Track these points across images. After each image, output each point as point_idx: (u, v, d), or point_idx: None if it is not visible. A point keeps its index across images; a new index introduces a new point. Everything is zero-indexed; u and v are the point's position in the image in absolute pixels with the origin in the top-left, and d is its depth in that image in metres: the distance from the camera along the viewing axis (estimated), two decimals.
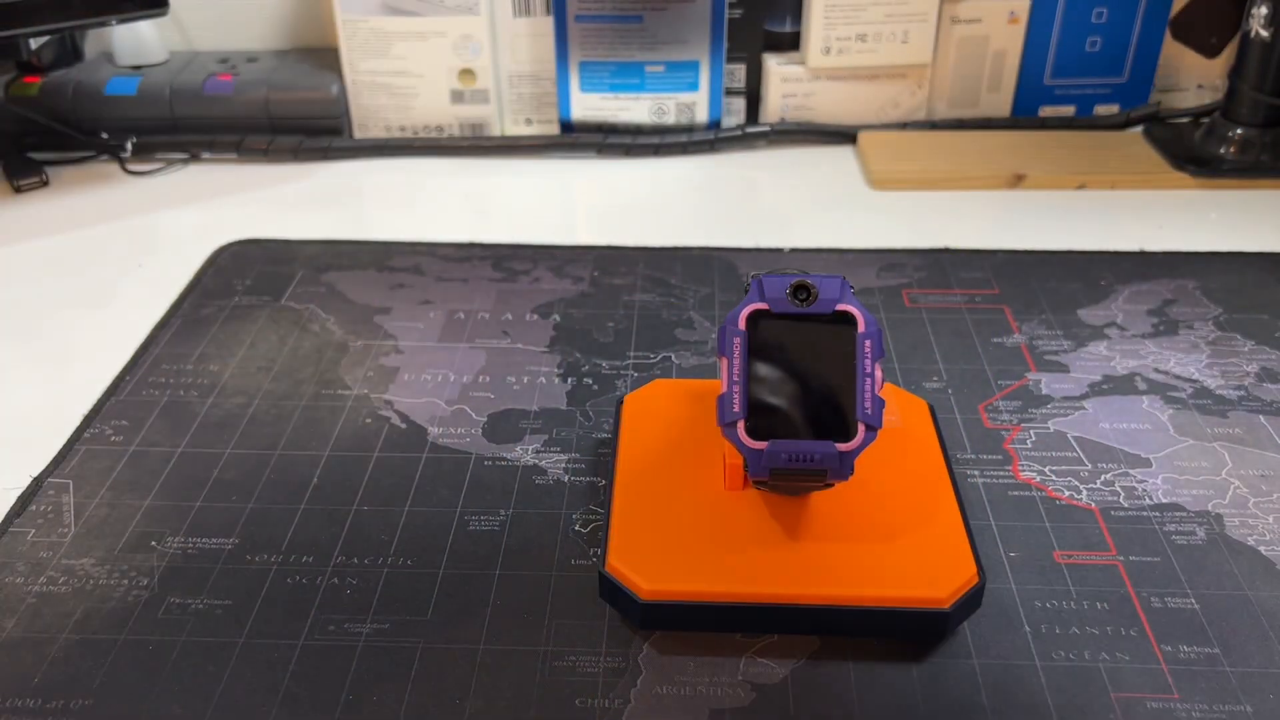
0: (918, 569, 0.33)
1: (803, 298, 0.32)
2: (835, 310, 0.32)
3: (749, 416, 0.32)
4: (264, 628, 0.35)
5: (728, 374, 0.32)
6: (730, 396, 0.32)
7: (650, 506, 0.36)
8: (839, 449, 0.32)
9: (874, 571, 0.33)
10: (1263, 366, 0.47)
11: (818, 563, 0.34)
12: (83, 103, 0.69)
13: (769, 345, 0.32)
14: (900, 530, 0.35)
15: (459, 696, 0.33)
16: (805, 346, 0.32)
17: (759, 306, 0.32)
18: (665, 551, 0.34)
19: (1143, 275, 0.54)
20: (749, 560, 0.34)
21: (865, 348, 0.32)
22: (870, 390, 0.32)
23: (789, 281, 0.32)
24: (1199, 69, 0.71)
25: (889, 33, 0.68)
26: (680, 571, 0.34)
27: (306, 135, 0.70)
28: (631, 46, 0.68)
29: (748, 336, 0.32)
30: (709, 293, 0.53)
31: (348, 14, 0.68)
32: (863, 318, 0.32)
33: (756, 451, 0.32)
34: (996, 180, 0.64)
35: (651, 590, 0.33)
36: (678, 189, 0.65)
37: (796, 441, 0.32)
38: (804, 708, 0.32)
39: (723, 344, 0.32)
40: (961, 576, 0.33)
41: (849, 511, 0.36)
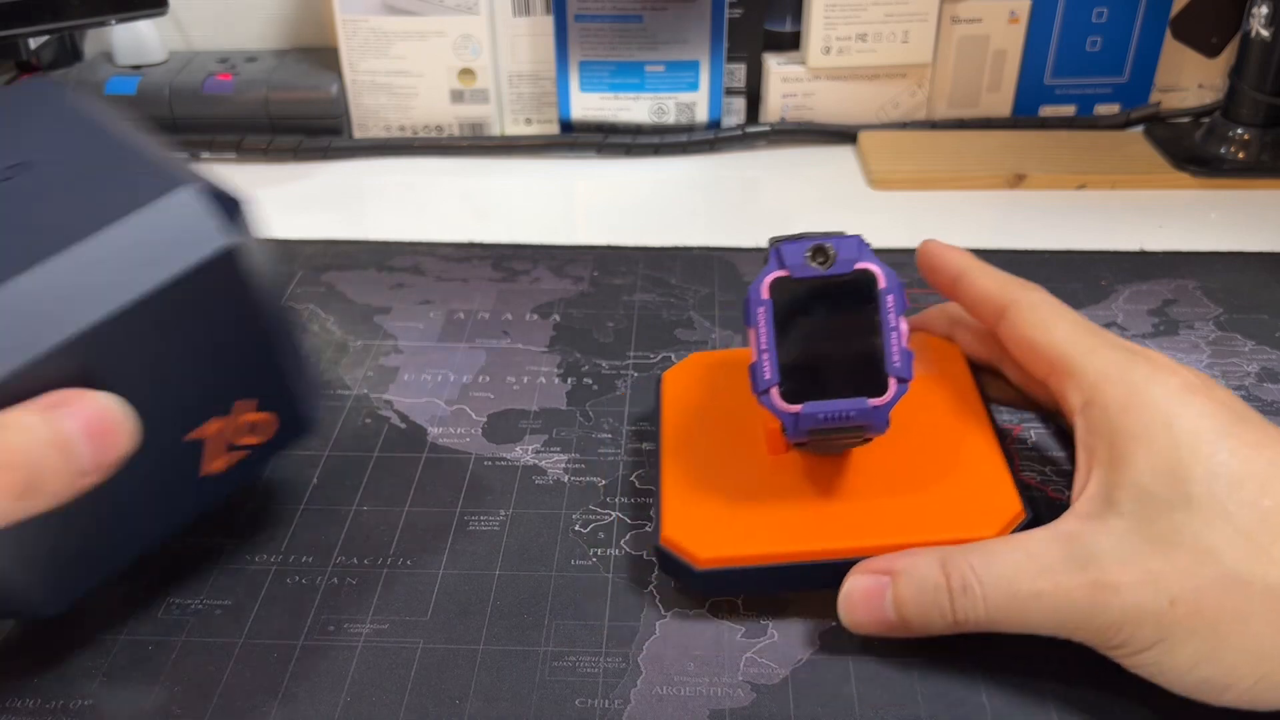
0: (966, 510, 0.34)
1: (821, 260, 0.33)
2: (855, 269, 0.33)
3: (781, 382, 0.32)
4: (264, 628, 0.35)
5: (756, 343, 0.33)
6: (761, 365, 0.33)
7: (698, 478, 0.37)
8: (872, 404, 0.32)
9: (924, 517, 0.34)
10: (1263, 366, 0.47)
11: (868, 515, 0.35)
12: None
13: (794, 310, 0.33)
14: (944, 474, 0.36)
15: (459, 696, 0.33)
16: (829, 307, 0.33)
17: (780, 274, 0.33)
18: (717, 520, 0.35)
19: (1143, 275, 0.54)
20: (800, 519, 0.35)
21: (888, 302, 0.33)
22: (897, 343, 0.32)
23: (806, 246, 0.33)
24: (1199, 69, 0.71)
25: (889, 32, 0.68)
26: (734, 537, 0.34)
27: (306, 135, 0.70)
28: (631, 46, 0.68)
29: (771, 304, 0.33)
30: (709, 293, 0.53)
31: (347, 14, 0.68)
32: (883, 273, 0.33)
33: (792, 415, 0.32)
34: (996, 180, 0.64)
35: (707, 559, 0.34)
36: (678, 189, 0.65)
37: (830, 401, 0.32)
38: (804, 708, 0.32)
39: (748, 314, 0.33)
40: (1009, 513, 0.34)
41: (892, 462, 0.36)
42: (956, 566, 0.31)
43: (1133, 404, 0.31)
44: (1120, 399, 0.32)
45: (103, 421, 0.27)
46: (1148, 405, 0.31)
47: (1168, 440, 0.30)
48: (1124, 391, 0.32)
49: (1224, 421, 0.30)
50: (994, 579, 0.31)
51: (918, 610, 0.31)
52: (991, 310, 0.37)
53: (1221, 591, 0.28)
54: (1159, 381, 0.31)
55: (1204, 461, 0.30)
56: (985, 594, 0.30)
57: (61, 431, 0.26)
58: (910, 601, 0.32)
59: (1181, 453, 0.30)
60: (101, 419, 0.27)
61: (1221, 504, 0.29)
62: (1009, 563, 0.31)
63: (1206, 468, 0.29)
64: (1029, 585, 0.30)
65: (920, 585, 0.31)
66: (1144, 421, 0.31)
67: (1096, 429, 0.32)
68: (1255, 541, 0.28)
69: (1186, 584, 0.29)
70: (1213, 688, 0.29)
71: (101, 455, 0.27)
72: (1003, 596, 0.30)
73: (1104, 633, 0.30)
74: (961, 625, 0.31)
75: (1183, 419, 0.30)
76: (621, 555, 0.38)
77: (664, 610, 0.36)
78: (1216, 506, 0.29)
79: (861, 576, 0.33)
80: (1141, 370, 0.32)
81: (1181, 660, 0.29)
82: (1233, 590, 0.28)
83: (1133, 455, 0.30)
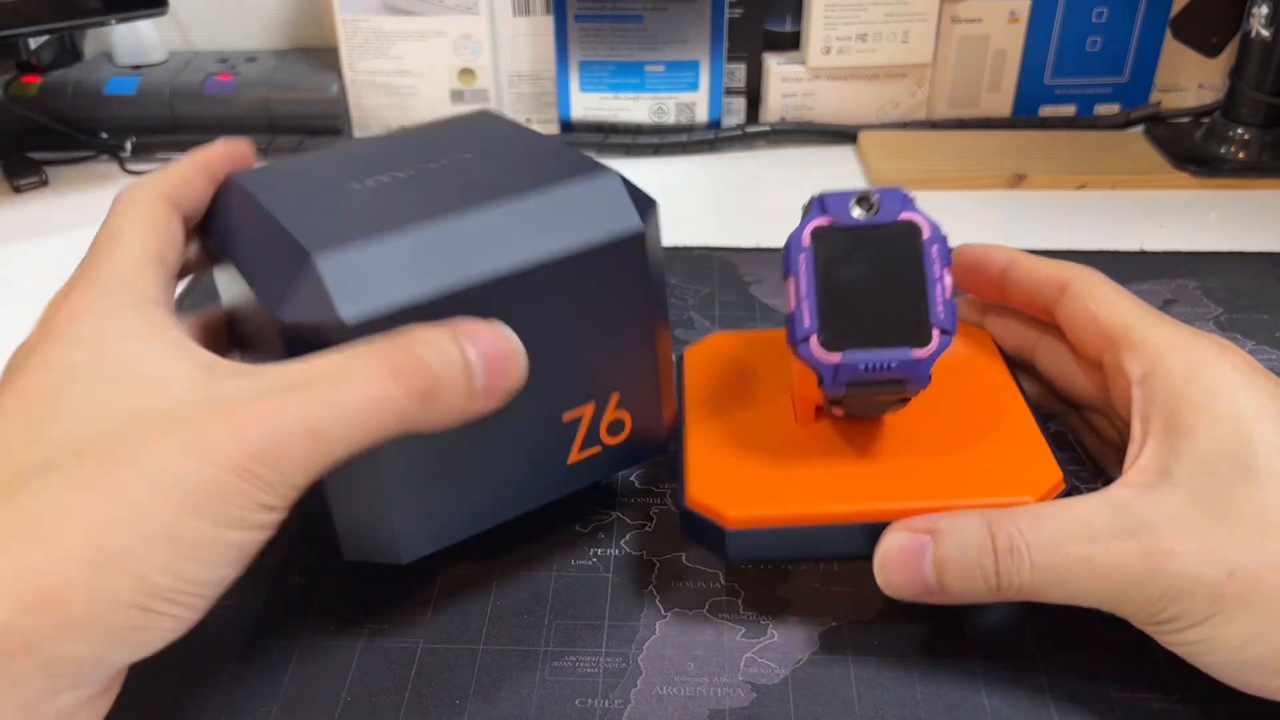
0: (1006, 474, 0.33)
1: (866, 208, 0.31)
2: (899, 219, 0.31)
3: (821, 331, 0.31)
4: (264, 628, 0.35)
5: (795, 291, 0.31)
6: (800, 314, 0.31)
7: (724, 442, 0.36)
8: (915, 355, 0.31)
9: (964, 479, 0.33)
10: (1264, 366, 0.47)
11: (902, 477, 0.33)
12: (82, 102, 0.69)
13: (835, 259, 0.31)
14: (981, 442, 0.34)
15: (459, 696, 0.33)
16: (871, 257, 0.31)
17: (822, 221, 0.32)
18: (745, 480, 0.34)
19: (1143, 275, 0.54)
20: (832, 481, 0.33)
21: (933, 252, 0.31)
22: (941, 295, 0.31)
23: (851, 195, 0.32)
24: (1199, 69, 0.71)
25: (889, 32, 0.68)
26: (764, 497, 0.33)
27: (306, 135, 0.70)
28: (631, 46, 0.68)
29: (814, 251, 0.31)
30: (709, 293, 0.53)
31: (347, 14, 0.68)
32: (927, 224, 0.31)
33: (831, 365, 0.31)
34: (996, 180, 0.64)
35: (737, 518, 0.33)
36: (677, 189, 0.65)
37: (871, 350, 0.31)
38: (804, 708, 0.32)
39: (789, 262, 0.32)
40: (1050, 480, 0.33)
41: (926, 430, 0.35)
42: (1003, 528, 0.29)
43: (1197, 375, 0.31)
44: (1184, 369, 0.31)
45: (501, 351, 0.29)
46: (1212, 377, 0.30)
47: (1232, 412, 0.30)
48: (1188, 363, 0.31)
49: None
50: (1042, 542, 0.29)
51: (959, 573, 0.30)
52: (1051, 288, 0.36)
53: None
54: (1225, 358, 0.31)
55: (1268, 437, 0.29)
56: (1033, 557, 0.29)
57: (465, 352, 0.28)
58: (952, 562, 0.30)
59: (1245, 426, 0.29)
60: (500, 349, 0.29)
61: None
62: (1059, 526, 0.29)
63: (1270, 443, 0.29)
64: (1080, 550, 0.29)
65: (963, 545, 0.30)
66: (1208, 393, 0.30)
67: (1156, 399, 0.31)
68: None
69: (1247, 557, 0.28)
70: (1263, 670, 0.28)
71: (495, 381, 0.29)
72: (1051, 560, 0.29)
73: (1155, 603, 0.28)
74: (1004, 591, 0.30)
75: (1247, 394, 0.30)
76: (621, 555, 0.38)
77: (664, 610, 0.36)
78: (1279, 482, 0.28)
79: (900, 534, 0.31)
80: (1206, 345, 0.31)
81: (1233, 637, 0.28)
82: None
83: (1194, 426, 0.30)
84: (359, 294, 0.28)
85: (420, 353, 0.27)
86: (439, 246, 0.30)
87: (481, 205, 0.31)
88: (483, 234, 0.30)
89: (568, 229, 0.31)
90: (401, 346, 0.27)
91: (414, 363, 0.27)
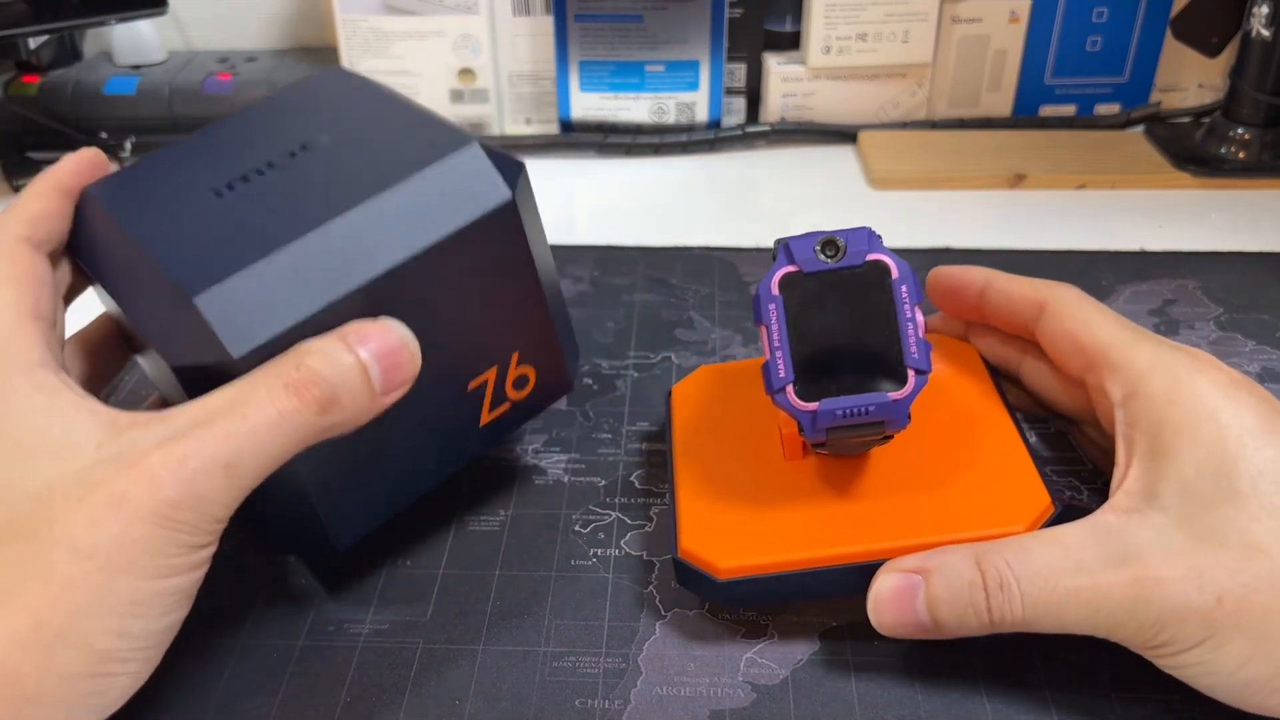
0: (993, 504, 0.33)
1: (831, 253, 0.32)
2: (866, 260, 0.32)
3: (796, 380, 0.32)
4: (264, 628, 0.35)
5: (768, 341, 0.32)
6: (775, 363, 0.32)
7: (713, 488, 0.36)
8: (892, 398, 0.31)
9: (952, 513, 0.33)
10: (1264, 366, 0.47)
11: (892, 514, 0.34)
12: (82, 102, 0.69)
13: (805, 306, 0.32)
14: (968, 470, 0.35)
15: (459, 697, 0.33)
16: (842, 302, 0.32)
17: (789, 269, 0.32)
18: (736, 528, 0.34)
19: (1143, 275, 0.54)
20: (823, 523, 0.34)
21: (903, 293, 0.32)
22: (914, 334, 0.31)
23: (816, 239, 0.32)
24: (1200, 68, 0.71)
25: (889, 32, 0.68)
26: (755, 545, 0.33)
27: None
28: (631, 46, 0.68)
29: (783, 301, 0.32)
30: (709, 293, 0.53)
31: (347, 13, 0.68)
32: (895, 264, 0.32)
33: (809, 413, 0.31)
34: (996, 180, 0.64)
35: (728, 568, 0.33)
36: (678, 189, 0.65)
37: (848, 397, 0.31)
38: (804, 708, 0.32)
39: (759, 312, 0.32)
40: (1038, 506, 0.33)
41: (914, 460, 0.35)
42: (992, 563, 0.30)
43: (1178, 396, 0.30)
44: (1165, 390, 0.31)
45: (392, 345, 0.29)
46: (1194, 398, 0.30)
47: (1214, 434, 0.29)
48: (1169, 383, 0.31)
49: (1269, 417, 0.30)
50: (1030, 575, 0.29)
51: (952, 610, 0.30)
52: (1029, 309, 0.36)
53: (1270, 588, 0.28)
54: (1205, 375, 0.31)
55: (1250, 457, 0.29)
56: (1023, 591, 0.29)
57: (359, 355, 0.29)
58: (944, 600, 0.30)
59: (1228, 447, 0.29)
60: (391, 344, 0.29)
61: (1269, 500, 0.28)
62: (1045, 559, 0.30)
63: (1253, 463, 0.29)
64: (1067, 581, 0.29)
65: (954, 583, 0.30)
66: (1189, 414, 0.30)
67: (1139, 421, 0.31)
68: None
69: (1234, 580, 0.28)
70: (1260, 689, 0.28)
71: (392, 376, 0.29)
72: (1040, 594, 0.29)
73: (1146, 630, 0.29)
74: (997, 625, 0.30)
75: (1229, 413, 0.30)
76: (621, 555, 0.38)
77: (664, 610, 0.36)
78: (1264, 502, 0.28)
79: (891, 575, 0.31)
80: (1186, 363, 0.31)
81: (1229, 660, 0.28)
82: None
83: (1176, 448, 0.30)
84: (246, 327, 0.29)
85: (313, 365, 0.28)
86: (315, 259, 0.30)
87: (349, 207, 0.31)
88: (356, 238, 0.30)
89: (439, 214, 0.31)
90: (294, 364, 0.28)
91: (308, 376, 0.28)
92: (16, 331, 0.29)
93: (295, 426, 0.28)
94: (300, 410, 0.27)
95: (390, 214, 0.31)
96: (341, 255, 0.30)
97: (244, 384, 0.28)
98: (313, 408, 0.28)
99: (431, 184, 0.32)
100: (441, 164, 0.32)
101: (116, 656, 0.26)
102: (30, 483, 0.26)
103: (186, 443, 0.26)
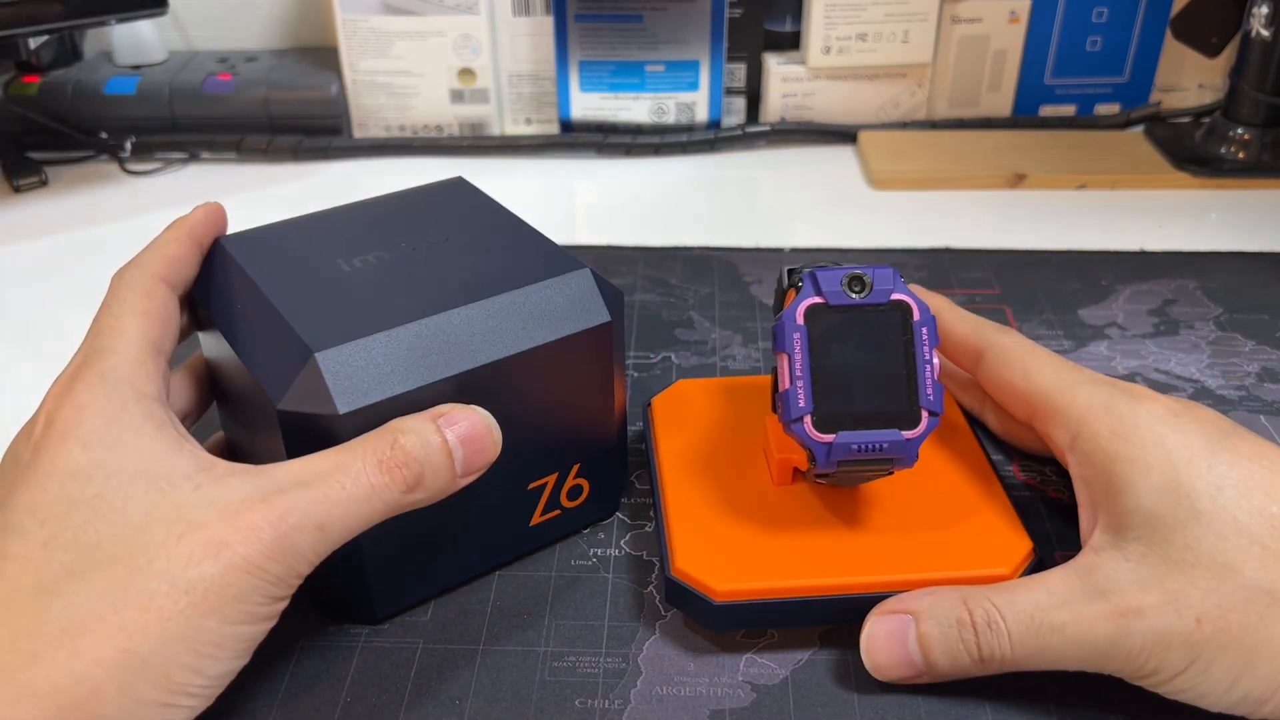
0: (979, 545, 0.34)
1: (858, 289, 0.32)
2: (891, 299, 0.32)
3: (814, 411, 0.32)
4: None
5: (789, 370, 0.32)
6: (794, 392, 0.32)
7: (704, 507, 0.36)
8: (905, 436, 0.32)
9: (941, 551, 0.34)
10: (1264, 367, 0.47)
11: (884, 548, 0.34)
12: (82, 102, 0.69)
13: (827, 338, 0.32)
14: (953, 510, 0.36)
15: (459, 697, 0.33)
16: (864, 338, 0.32)
17: (815, 300, 0.32)
18: (730, 551, 0.34)
19: (1143, 275, 0.54)
20: (816, 552, 0.34)
21: (923, 335, 0.32)
22: (930, 376, 0.32)
23: (843, 274, 0.32)
24: (1200, 68, 0.71)
25: (889, 32, 0.68)
26: (750, 569, 0.34)
27: (306, 135, 0.70)
28: (631, 46, 0.68)
29: (807, 331, 0.32)
30: (709, 293, 0.53)
31: (347, 13, 0.68)
32: (917, 306, 0.32)
33: (825, 445, 0.32)
34: (996, 180, 0.64)
35: (725, 591, 0.33)
36: (678, 189, 0.65)
37: (864, 432, 0.32)
38: (804, 708, 0.32)
39: (782, 340, 0.32)
40: (1021, 550, 0.34)
41: (899, 499, 0.36)
42: (979, 604, 0.31)
43: (1122, 430, 0.31)
44: (1108, 428, 0.32)
45: (478, 431, 0.31)
46: (1137, 430, 0.31)
47: (1163, 458, 0.30)
48: (1111, 420, 0.32)
49: (1214, 435, 0.31)
50: (1016, 615, 0.30)
51: (944, 649, 0.31)
52: (967, 356, 0.37)
53: (1245, 604, 0.28)
54: (1144, 406, 0.32)
55: (1204, 474, 0.30)
56: (1010, 629, 0.30)
57: (446, 436, 0.30)
58: (935, 639, 0.31)
59: (1179, 469, 0.30)
60: (477, 430, 0.31)
61: (1231, 514, 0.29)
62: (1031, 599, 0.30)
63: (1208, 480, 0.29)
64: (1052, 618, 0.30)
65: (944, 623, 0.31)
66: (1136, 445, 0.31)
67: (1090, 461, 0.32)
68: (1271, 549, 0.28)
69: (1210, 601, 0.28)
70: (1256, 701, 0.28)
71: (473, 460, 0.31)
72: (1027, 632, 0.30)
73: (1132, 660, 0.29)
74: (987, 664, 0.31)
75: (1174, 438, 0.30)
76: (621, 555, 0.38)
77: (664, 610, 0.36)
78: (1227, 517, 0.29)
79: (882, 618, 0.32)
80: (1124, 399, 0.32)
81: (1218, 679, 0.28)
82: (1257, 601, 0.28)
83: (1131, 480, 0.30)
84: (354, 388, 0.31)
85: (405, 444, 0.30)
86: (427, 342, 0.32)
87: (466, 302, 0.33)
88: (467, 330, 0.33)
89: (545, 323, 0.34)
90: (390, 441, 0.30)
91: (400, 455, 0.29)
92: (140, 362, 0.31)
93: (384, 500, 0.29)
94: (389, 486, 0.29)
95: (501, 315, 0.33)
96: (451, 342, 0.32)
97: (343, 453, 0.29)
98: (400, 485, 0.29)
99: (544, 296, 0.34)
100: (556, 280, 0.35)
101: (187, 691, 0.27)
102: (131, 509, 0.27)
103: (287, 500, 0.28)
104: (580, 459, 0.37)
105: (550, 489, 0.36)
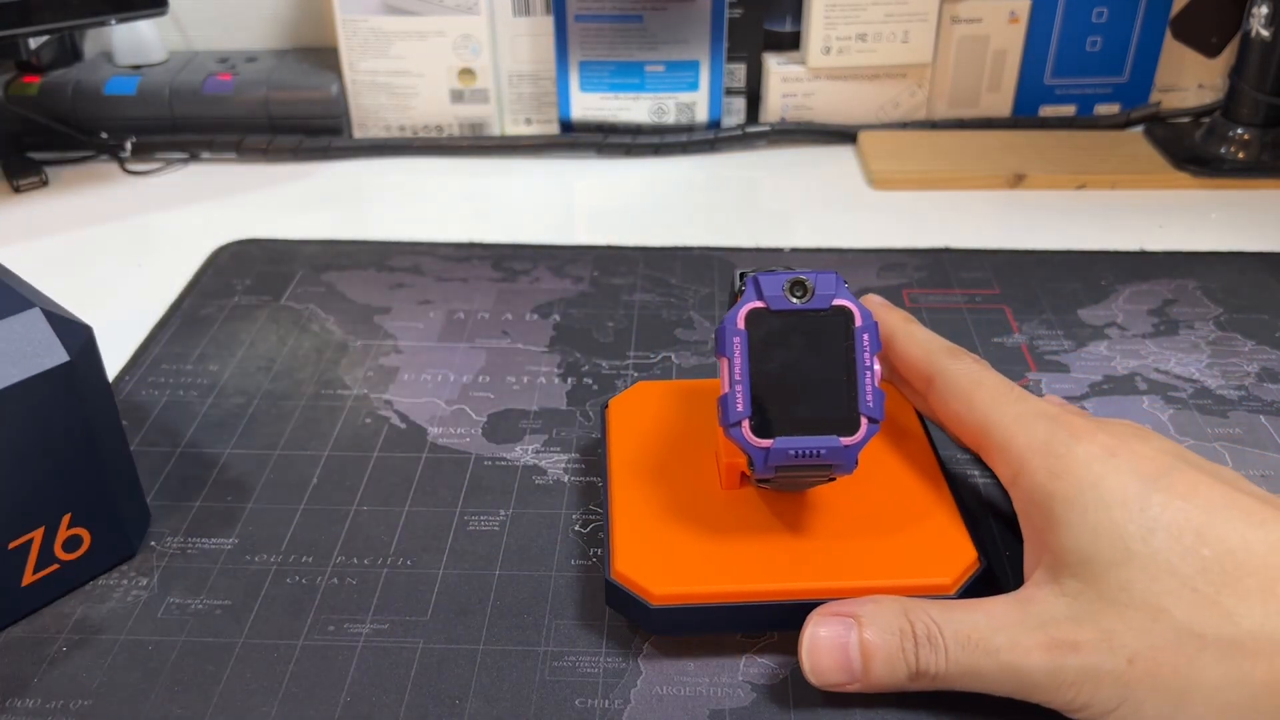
0: (924, 554, 0.34)
1: (800, 294, 0.32)
2: (832, 305, 0.32)
3: (752, 415, 0.32)
4: (264, 628, 0.35)
5: (729, 374, 0.32)
6: (733, 397, 0.32)
7: (650, 510, 0.36)
8: (843, 442, 0.32)
9: (884, 559, 0.34)
10: (1263, 366, 0.47)
11: (827, 555, 0.34)
12: (82, 102, 0.69)
13: (768, 343, 0.32)
14: (900, 518, 0.35)
15: (459, 696, 0.33)
16: (804, 343, 0.32)
17: (756, 305, 0.32)
18: (671, 555, 0.34)
19: (1143, 275, 0.54)
20: (757, 558, 0.34)
21: (864, 341, 0.32)
22: (871, 383, 0.32)
23: (785, 279, 0.32)
24: (1199, 68, 0.71)
25: (889, 32, 0.68)
26: (689, 574, 0.34)
27: (306, 135, 0.70)
28: (631, 46, 0.68)
29: (747, 335, 0.32)
30: (709, 293, 0.53)
31: (347, 14, 0.68)
32: (859, 311, 0.32)
33: (762, 450, 0.32)
34: (996, 180, 0.64)
35: (662, 595, 0.33)
36: (678, 189, 0.65)
37: (802, 438, 0.32)
38: (804, 708, 0.32)
39: (722, 344, 0.32)
40: (964, 562, 0.34)
41: (847, 505, 0.36)
42: (919, 616, 0.31)
43: (1058, 470, 0.31)
44: (1046, 467, 0.32)
45: None
46: (1072, 469, 0.31)
47: (1098, 500, 0.30)
48: (1049, 460, 0.32)
49: (1151, 474, 0.30)
50: (954, 633, 0.30)
51: (884, 657, 0.31)
52: (919, 381, 0.37)
53: (1176, 647, 0.28)
54: (1081, 446, 0.31)
55: (1136, 517, 0.30)
56: (947, 646, 0.30)
57: None
58: (878, 649, 0.31)
59: (1112, 512, 0.30)
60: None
61: (1164, 557, 0.29)
62: (970, 620, 0.31)
63: (1140, 522, 0.29)
64: (989, 641, 0.30)
65: (886, 630, 0.31)
66: (1072, 486, 0.31)
67: (1030, 498, 0.32)
68: (1201, 593, 0.28)
69: (1142, 641, 0.28)
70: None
71: None
72: (963, 651, 0.30)
73: (1063, 693, 0.29)
74: (920, 678, 0.31)
75: (1110, 480, 0.30)
76: None
77: None
78: (1159, 560, 0.29)
79: (825, 619, 0.32)
80: (1063, 437, 0.32)
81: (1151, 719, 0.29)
82: (1186, 645, 0.28)
83: (1069, 520, 0.31)
84: None
85: None
86: None
87: None
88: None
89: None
90: None
91: None
92: None
93: None
94: None
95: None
96: None
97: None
98: None
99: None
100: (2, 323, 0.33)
101: None
102: None
103: None
104: (69, 509, 0.35)
105: (39, 545, 0.35)
